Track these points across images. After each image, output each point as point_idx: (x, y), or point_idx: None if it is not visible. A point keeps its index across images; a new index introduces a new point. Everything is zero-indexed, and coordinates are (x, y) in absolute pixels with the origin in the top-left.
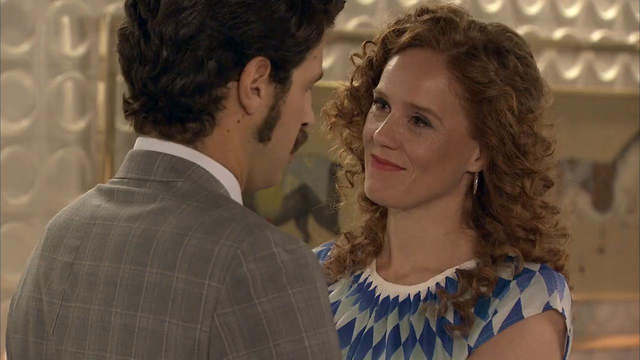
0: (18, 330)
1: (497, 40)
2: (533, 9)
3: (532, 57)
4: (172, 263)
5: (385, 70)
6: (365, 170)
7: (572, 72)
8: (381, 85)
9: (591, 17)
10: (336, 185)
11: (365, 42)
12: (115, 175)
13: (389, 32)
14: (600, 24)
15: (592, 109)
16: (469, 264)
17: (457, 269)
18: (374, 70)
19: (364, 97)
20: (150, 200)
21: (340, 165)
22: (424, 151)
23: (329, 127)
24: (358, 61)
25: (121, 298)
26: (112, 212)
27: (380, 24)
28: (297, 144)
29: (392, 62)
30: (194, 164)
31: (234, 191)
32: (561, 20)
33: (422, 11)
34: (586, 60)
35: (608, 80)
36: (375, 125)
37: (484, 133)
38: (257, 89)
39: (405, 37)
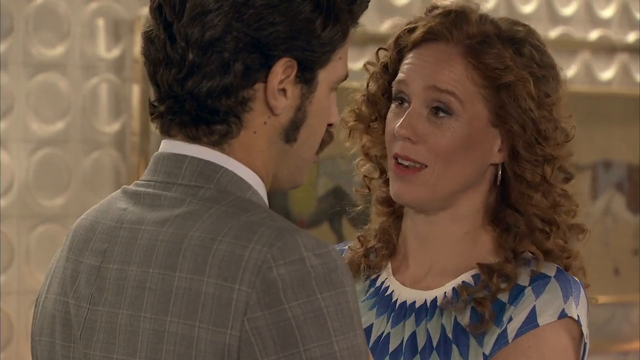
0: (44, 333)
1: (510, 31)
2: (568, 10)
3: (545, 46)
4: (202, 268)
5: (401, 67)
6: (389, 174)
7: (607, 74)
8: (400, 75)
9: (626, 18)
10: (353, 190)
11: (378, 49)
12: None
13: (402, 31)
14: (635, 25)
15: (627, 110)
16: (490, 259)
17: (478, 263)
18: (389, 73)
19: (381, 101)
20: (178, 204)
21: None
22: (446, 141)
23: (348, 133)
24: (372, 69)
25: (150, 302)
26: (139, 215)
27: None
28: (323, 144)
29: (408, 59)
30: (222, 167)
31: (261, 192)
32: (596, 22)
33: (432, 8)
34: (621, 62)
35: None
36: (396, 122)
37: (504, 120)
38: (284, 90)
39: (417, 33)
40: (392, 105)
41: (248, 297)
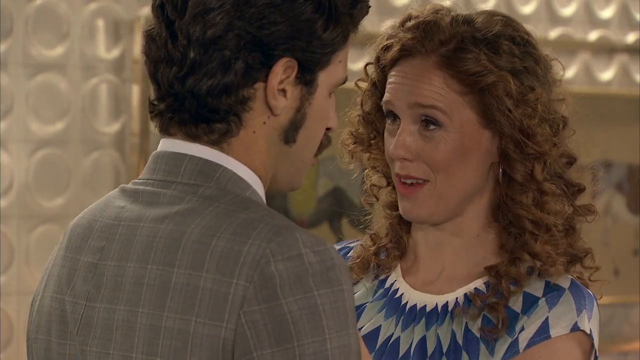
0: (40, 331)
1: (486, 28)
2: (567, 11)
3: (528, 35)
4: (200, 263)
5: (386, 86)
6: (397, 191)
7: (607, 74)
8: (386, 95)
9: (626, 18)
10: (361, 199)
11: (366, 65)
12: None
13: (379, 51)
14: (635, 25)
15: (627, 111)
16: (496, 260)
17: (485, 267)
18: (378, 90)
19: (377, 119)
20: (176, 202)
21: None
22: (440, 154)
23: (350, 156)
24: (364, 85)
25: (148, 298)
26: (137, 213)
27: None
28: (321, 147)
29: (390, 77)
30: (221, 166)
31: (259, 192)
32: (596, 22)
33: (405, 19)
34: (621, 62)
35: None
36: (391, 142)
37: (493, 121)
38: (284, 90)
39: (393, 51)
40: (387, 123)
41: (245, 290)
